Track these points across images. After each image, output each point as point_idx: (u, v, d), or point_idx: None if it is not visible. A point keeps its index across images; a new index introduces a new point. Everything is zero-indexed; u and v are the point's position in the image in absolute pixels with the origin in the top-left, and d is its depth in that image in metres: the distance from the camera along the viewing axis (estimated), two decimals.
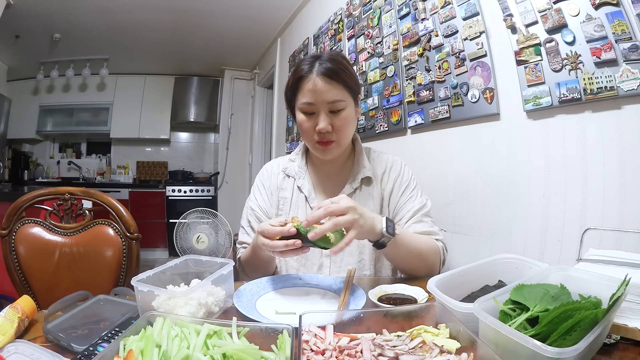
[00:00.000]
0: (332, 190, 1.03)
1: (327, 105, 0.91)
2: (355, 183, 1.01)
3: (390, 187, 1.02)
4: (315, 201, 1.02)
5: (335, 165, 1.05)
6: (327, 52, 1.02)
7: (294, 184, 1.05)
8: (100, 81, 4.43)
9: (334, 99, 0.91)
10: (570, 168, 0.95)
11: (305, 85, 0.91)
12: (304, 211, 1.01)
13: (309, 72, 0.91)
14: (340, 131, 0.93)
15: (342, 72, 0.92)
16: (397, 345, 0.49)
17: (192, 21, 3.30)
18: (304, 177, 1.05)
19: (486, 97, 1.17)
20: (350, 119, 0.95)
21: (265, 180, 1.09)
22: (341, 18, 2.11)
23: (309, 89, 0.91)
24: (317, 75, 0.90)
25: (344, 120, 0.93)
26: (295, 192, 1.04)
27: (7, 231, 1.08)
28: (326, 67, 0.90)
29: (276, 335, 0.48)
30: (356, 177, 1.02)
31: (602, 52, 0.86)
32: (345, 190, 1.01)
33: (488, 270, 0.71)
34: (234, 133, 4.67)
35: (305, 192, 1.02)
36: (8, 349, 0.51)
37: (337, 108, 0.92)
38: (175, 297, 0.60)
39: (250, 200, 1.08)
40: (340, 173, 1.05)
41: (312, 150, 1.01)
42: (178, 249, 0.90)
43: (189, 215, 0.93)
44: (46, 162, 4.73)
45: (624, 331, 0.54)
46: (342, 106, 0.92)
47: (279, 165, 1.09)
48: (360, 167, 1.03)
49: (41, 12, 2.96)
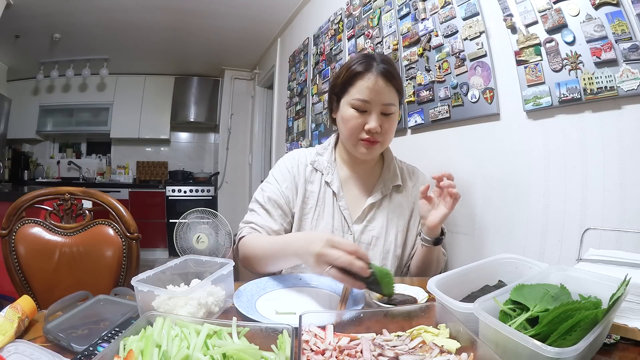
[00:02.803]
0: (360, 192, 1.04)
1: (382, 106, 0.92)
2: (385, 189, 1.03)
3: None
4: (343, 200, 1.01)
5: (366, 166, 1.06)
6: (379, 54, 1.03)
7: (322, 178, 1.03)
8: (100, 81, 4.43)
9: (389, 102, 0.93)
10: (570, 168, 0.95)
11: (364, 82, 0.92)
12: (330, 208, 1.01)
13: (368, 70, 0.92)
14: (387, 134, 0.96)
15: (398, 77, 0.96)
16: (397, 345, 0.49)
17: (192, 21, 3.30)
18: (333, 173, 1.03)
19: (486, 97, 1.17)
20: (396, 122, 0.98)
21: (292, 167, 1.04)
22: (341, 18, 2.11)
23: (367, 86, 0.91)
24: (378, 74, 0.91)
25: (392, 123, 0.96)
26: (323, 188, 1.03)
27: (7, 231, 1.08)
28: (385, 69, 0.92)
29: (276, 335, 0.48)
30: (387, 183, 1.04)
31: (602, 52, 0.86)
32: (376, 195, 1.02)
33: (488, 270, 0.71)
34: (234, 133, 4.67)
35: (335, 188, 1.02)
36: (8, 349, 0.51)
37: (389, 111, 0.94)
38: (175, 297, 0.60)
39: (269, 184, 1.03)
40: (369, 176, 1.06)
41: (351, 148, 0.99)
42: (178, 249, 0.90)
43: (189, 215, 0.93)
44: (46, 162, 4.73)
45: (624, 331, 0.54)
46: (393, 110, 0.95)
47: (306, 157, 1.07)
48: (392, 175, 1.05)
49: (41, 12, 2.96)
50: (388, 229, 1.02)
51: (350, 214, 1.01)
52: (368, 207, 1.01)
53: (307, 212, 1.01)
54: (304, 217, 1.01)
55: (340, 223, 1.01)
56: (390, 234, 1.02)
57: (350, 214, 1.01)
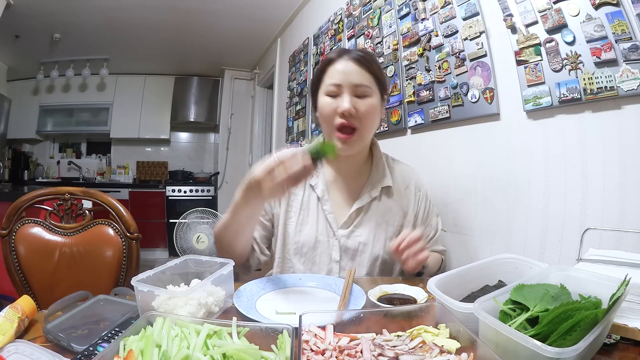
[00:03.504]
0: (347, 195, 0.98)
1: (354, 87, 0.88)
2: (374, 191, 0.97)
3: (414, 208, 1.00)
4: (328, 204, 0.96)
5: (352, 165, 1.00)
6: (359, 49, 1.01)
7: (306, 181, 0.98)
8: (100, 81, 4.43)
9: (361, 82, 0.88)
10: (570, 168, 0.95)
11: (335, 67, 0.89)
12: (314, 213, 0.97)
13: (340, 55, 0.90)
14: (364, 119, 0.88)
15: (373, 63, 0.91)
16: (397, 345, 0.49)
17: (192, 21, 3.30)
18: (318, 175, 0.98)
19: (486, 97, 1.17)
20: (375, 110, 0.90)
21: None
22: (341, 18, 2.11)
23: (338, 69, 0.89)
24: (349, 59, 0.89)
25: (368, 106, 0.88)
26: (307, 191, 0.98)
27: (7, 231, 1.08)
28: (358, 54, 0.89)
29: (276, 335, 0.48)
30: (375, 185, 0.97)
31: (602, 52, 0.86)
32: (364, 199, 0.96)
33: (488, 270, 0.71)
34: (234, 133, 4.67)
35: (319, 192, 0.97)
36: (8, 349, 0.51)
37: (363, 93, 0.88)
38: (175, 297, 0.60)
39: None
40: (358, 177, 1.00)
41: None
42: (178, 249, 0.90)
43: (189, 215, 0.93)
44: (46, 162, 4.72)
45: (624, 331, 0.54)
46: (368, 92, 0.89)
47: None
48: (381, 175, 0.98)
49: (41, 12, 2.96)
50: (377, 235, 0.96)
51: (336, 218, 0.96)
52: (355, 213, 0.96)
53: (291, 217, 0.97)
54: (288, 220, 0.97)
55: (325, 228, 0.96)
56: (379, 240, 0.96)
57: (335, 218, 0.96)
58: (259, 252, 0.96)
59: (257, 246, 0.96)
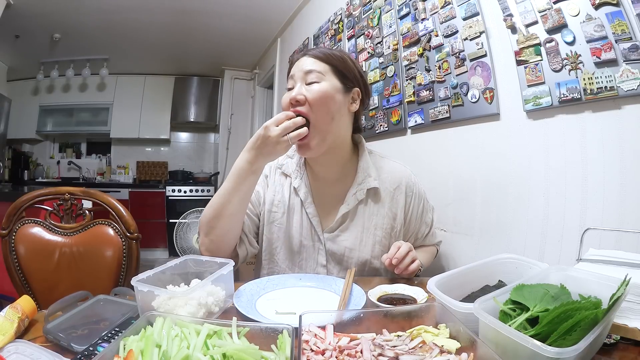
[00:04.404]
0: (332, 198, 0.95)
1: (304, 75, 0.85)
2: (360, 194, 0.92)
3: (405, 209, 0.97)
4: (312, 207, 0.94)
5: (334, 166, 0.95)
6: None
7: (291, 184, 0.96)
8: (100, 81, 4.43)
9: (310, 69, 0.85)
10: (570, 168, 0.95)
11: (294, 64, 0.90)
12: (299, 216, 0.94)
13: (301, 55, 0.90)
14: (314, 105, 0.82)
15: (332, 56, 0.88)
16: (397, 345, 0.49)
17: (192, 21, 3.30)
18: (301, 178, 0.96)
19: (486, 97, 1.17)
20: (326, 96, 0.84)
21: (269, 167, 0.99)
22: (341, 18, 2.11)
23: (295, 65, 0.89)
24: (307, 55, 0.89)
25: (316, 93, 0.82)
26: (292, 194, 0.96)
27: (7, 231, 1.08)
28: (317, 50, 0.89)
29: (276, 335, 0.48)
30: (361, 185, 0.93)
31: (602, 52, 0.86)
32: (350, 203, 0.92)
33: (488, 270, 0.71)
34: (234, 133, 4.67)
35: (301, 195, 0.94)
36: (8, 349, 0.51)
37: (313, 79, 0.84)
38: (175, 297, 0.60)
39: None
40: (342, 178, 0.95)
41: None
42: (178, 249, 0.90)
43: (189, 215, 0.93)
44: (46, 162, 4.72)
45: (624, 331, 0.54)
46: (316, 78, 0.84)
47: (279, 159, 0.99)
48: (365, 175, 0.94)
49: (41, 12, 2.96)
50: (363, 240, 0.93)
51: (321, 221, 0.94)
52: (341, 218, 0.93)
53: (276, 219, 0.95)
54: (273, 224, 0.95)
55: (310, 232, 0.94)
56: (367, 245, 0.93)
57: (319, 221, 0.94)
58: (247, 244, 0.92)
59: (245, 237, 0.92)
